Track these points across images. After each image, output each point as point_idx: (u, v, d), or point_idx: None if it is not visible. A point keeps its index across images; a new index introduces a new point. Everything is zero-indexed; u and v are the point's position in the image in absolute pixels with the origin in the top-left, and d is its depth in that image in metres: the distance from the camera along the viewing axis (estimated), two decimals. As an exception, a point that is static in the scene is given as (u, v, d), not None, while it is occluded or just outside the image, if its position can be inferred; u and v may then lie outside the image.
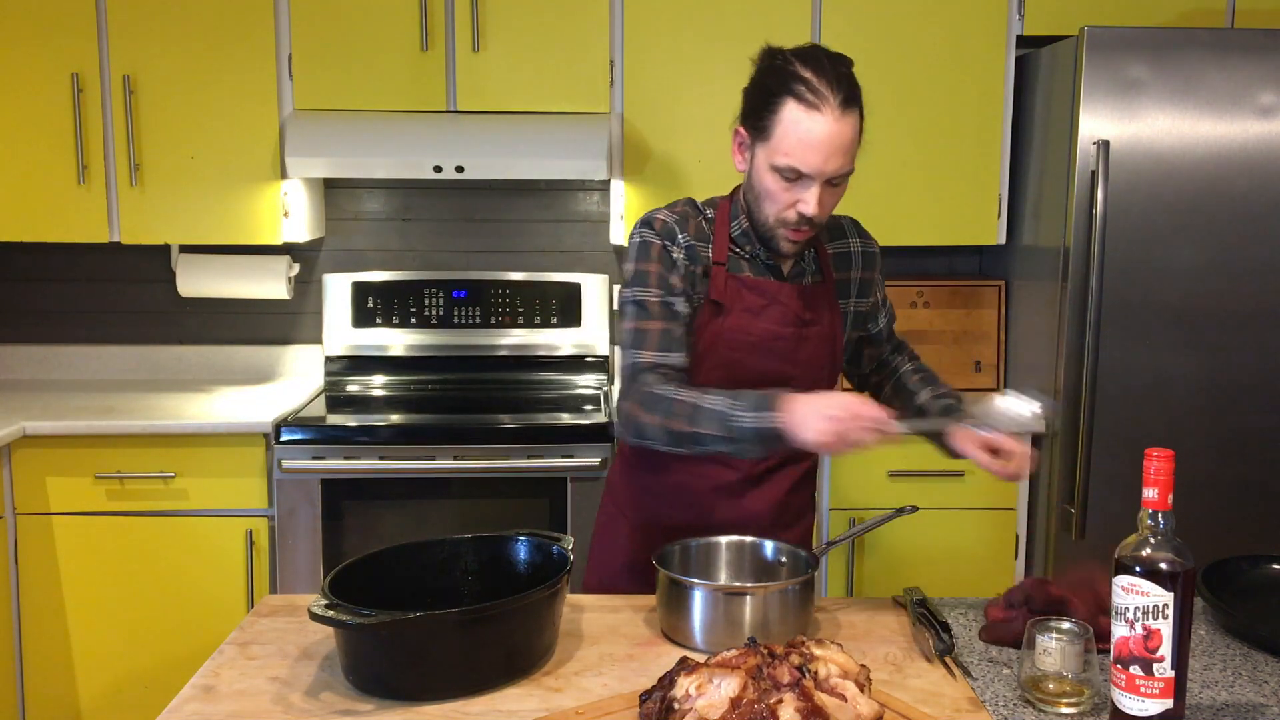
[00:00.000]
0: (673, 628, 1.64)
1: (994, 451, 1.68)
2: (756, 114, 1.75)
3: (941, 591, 1.96)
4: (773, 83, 1.73)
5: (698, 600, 1.61)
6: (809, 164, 1.71)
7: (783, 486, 1.92)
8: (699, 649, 1.60)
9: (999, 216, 3.26)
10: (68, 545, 2.99)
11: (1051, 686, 1.42)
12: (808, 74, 1.70)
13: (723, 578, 1.77)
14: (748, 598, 1.60)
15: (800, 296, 1.86)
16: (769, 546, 1.77)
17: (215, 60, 3.14)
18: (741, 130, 1.80)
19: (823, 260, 1.91)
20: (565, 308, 3.48)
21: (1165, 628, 1.30)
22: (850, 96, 1.71)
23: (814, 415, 1.58)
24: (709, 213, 1.88)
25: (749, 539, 1.80)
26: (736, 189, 1.89)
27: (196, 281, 3.42)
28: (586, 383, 3.48)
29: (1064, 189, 2.93)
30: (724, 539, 1.80)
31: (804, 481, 1.97)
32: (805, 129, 1.69)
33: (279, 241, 3.21)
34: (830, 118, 1.69)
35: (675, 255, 1.81)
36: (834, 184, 1.75)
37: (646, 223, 1.84)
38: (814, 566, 1.68)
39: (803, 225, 1.76)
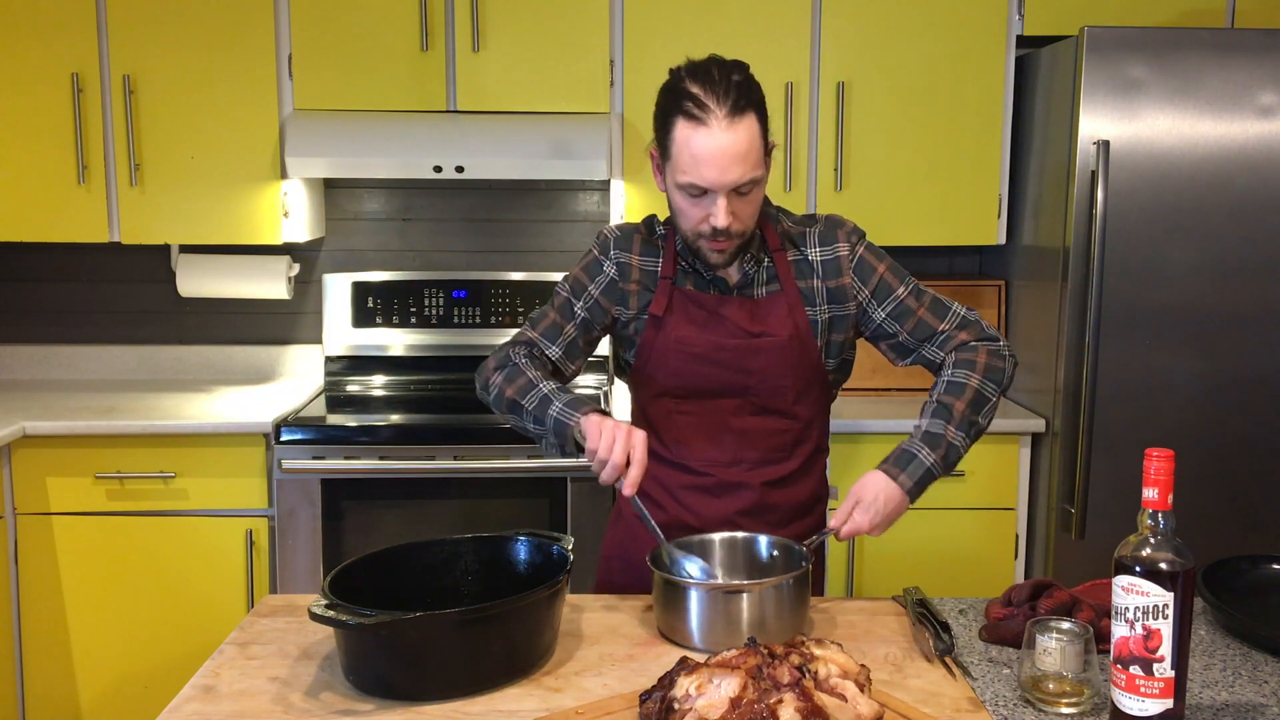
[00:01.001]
0: (669, 627, 1.65)
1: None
2: (659, 135, 1.79)
3: (941, 591, 1.96)
4: (667, 103, 1.76)
5: (693, 600, 1.61)
6: (707, 179, 1.72)
7: (755, 488, 1.91)
8: (696, 648, 1.60)
9: (999, 216, 3.26)
10: (68, 545, 2.99)
11: (1051, 686, 1.42)
12: (695, 89, 1.72)
13: (717, 575, 1.77)
14: (743, 595, 1.60)
15: (747, 308, 1.88)
16: (763, 542, 1.78)
17: (215, 60, 3.14)
18: (654, 153, 1.83)
19: (780, 271, 1.89)
20: (565, 308, 3.48)
21: (1165, 628, 1.30)
22: (740, 103, 1.71)
23: (595, 429, 1.69)
24: (661, 229, 1.94)
25: (741, 535, 1.80)
26: None
27: (196, 281, 3.42)
28: (587, 382, 3.48)
29: (1064, 189, 2.93)
30: (717, 536, 1.80)
31: (788, 481, 1.94)
32: (697, 145, 1.71)
33: (279, 241, 3.21)
34: (718, 129, 1.70)
35: (605, 268, 1.93)
36: (743, 192, 1.75)
37: (596, 234, 1.98)
38: (808, 560, 1.68)
39: (719, 237, 1.77)
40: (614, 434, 1.68)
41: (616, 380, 2.07)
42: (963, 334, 1.89)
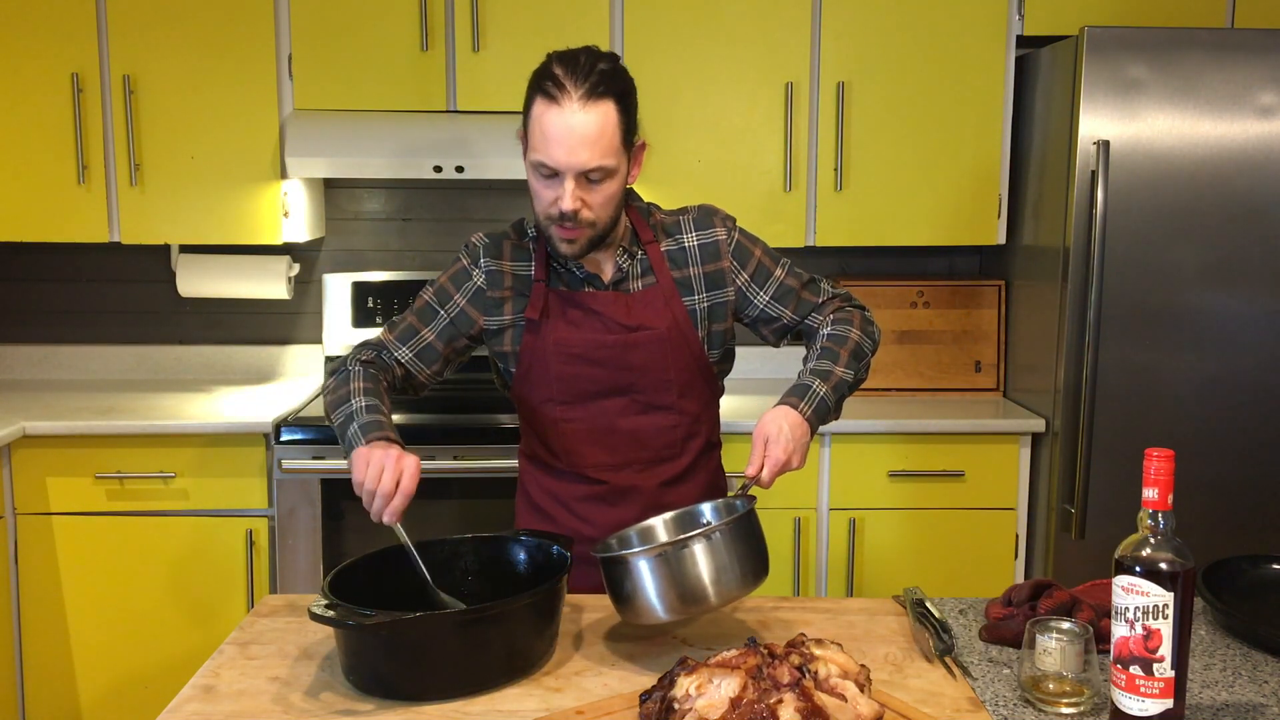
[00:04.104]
0: (634, 612, 1.55)
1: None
2: (525, 117, 1.78)
3: (941, 591, 1.96)
4: (531, 84, 1.76)
5: (644, 570, 1.51)
6: (553, 158, 1.71)
7: (649, 490, 1.89)
8: (661, 619, 1.53)
9: (999, 216, 3.26)
10: (68, 545, 2.99)
11: (1051, 686, 1.42)
12: (557, 70, 1.72)
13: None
14: (694, 547, 1.51)
15: (623, 303, 1.86)
16: (706, 509, 1.72)
17: (215, 60, 3.14)
18: (521, 135, 1.82)
19: (654, 262, 1.89)
20: (565, 308, 3.48)
21: (1165, 628, 1.30)
22: (599, 88, 1.71)
23: (362, 461, 1.64)
24: (532, 232, 1.92)
25: (680, 509, 1.74)
26: None
27: (196, 281, 3.42)
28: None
29: (1064, 189, 2.93)
30: (659, 519, 1.73)
31: (683, 478, 1.92)
32: (547, 122, 1.71)
33: (279, 241, 3.21)
34: (569, 109, 1.69)
35: (474, 276, 1.91)
36: (593, 179, 1.73)
37: (464, 243, 1.97)
38: (748, 503, 1.61)
39: (566, 222, 1.74)
40: (381, 462, 1.61)
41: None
42: (836, 300, 1.94)
